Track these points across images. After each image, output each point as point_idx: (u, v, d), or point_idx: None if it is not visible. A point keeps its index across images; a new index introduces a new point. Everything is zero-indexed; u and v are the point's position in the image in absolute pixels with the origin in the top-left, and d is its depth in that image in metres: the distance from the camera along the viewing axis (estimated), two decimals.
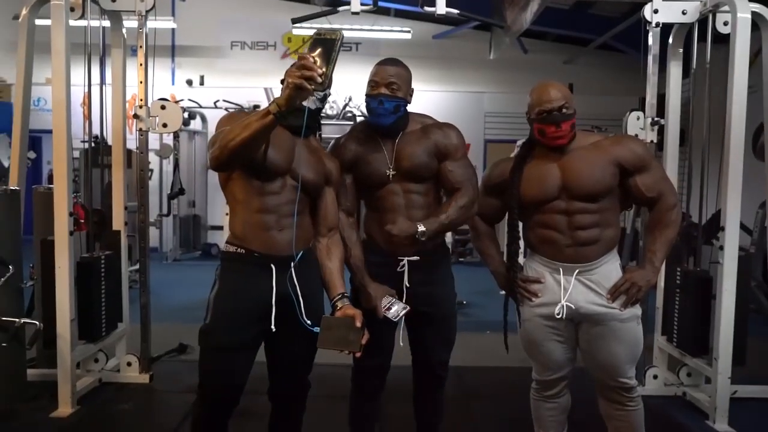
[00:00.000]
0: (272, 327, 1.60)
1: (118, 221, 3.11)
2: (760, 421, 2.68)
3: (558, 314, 1.84)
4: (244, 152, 1.46)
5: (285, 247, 1.61)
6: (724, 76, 2.60)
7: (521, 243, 1.95)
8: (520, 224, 1.94)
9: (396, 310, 1.79)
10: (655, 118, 2.83)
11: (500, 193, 1.95)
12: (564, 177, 1.82)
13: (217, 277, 1.65)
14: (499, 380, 3.16)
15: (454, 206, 1.84)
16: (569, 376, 2.00)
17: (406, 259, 1.87)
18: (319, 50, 1.32)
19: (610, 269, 1.86)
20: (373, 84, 1.82)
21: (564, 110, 1.77)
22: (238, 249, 1.62)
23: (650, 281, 1.84)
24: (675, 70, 2.93)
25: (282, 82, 1.37)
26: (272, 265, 1.61)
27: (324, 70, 1.30)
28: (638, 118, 2.85)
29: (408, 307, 1.82)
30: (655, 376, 2.98)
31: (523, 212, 1.91)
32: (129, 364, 3.04)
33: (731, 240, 2.55)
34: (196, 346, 1.66)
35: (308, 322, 1.61)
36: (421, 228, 1.75)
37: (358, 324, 1.58)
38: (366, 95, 1.85)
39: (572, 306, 1.83)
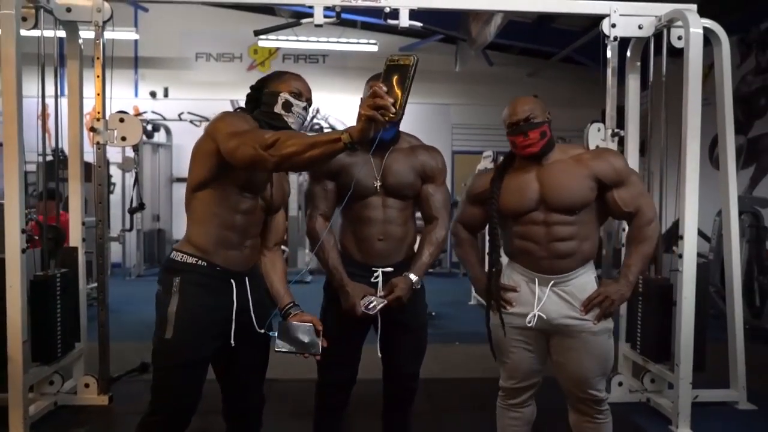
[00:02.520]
0: (232, 342, 1.59)
1: (74, 237, 3.00)
2: (721, 425, 2.74)
3: (529, 323, 1.85)
4: (309, 167, 1.53)
5: (243, 263, 1.65)
6: (680, 88, 2.68)
7: (502, 251, 1.96)
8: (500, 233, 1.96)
9: (374, 304, 1.84)
10: (615, 130, 2.90)
11: (482, 203, 1.98)
12: (542, 189, 1.85)
13: (174, 289, 1.56)
14: (468, 392, 3.15)
15: (434, 243, 1.97)
16: (536, 386, 2.00)
17: (380, 270, 1.93)
18: (393, 77, 1.25)
19: (584, 281, 1.88)
20: None
21: (530, 120, 1.82)
22: (199, 261, 1.58)
23: (623, 295, 1.86)
24: (633, 83, 3.02)
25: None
26: (232, 280, 1.60)
27: (398, 99, 1.23)
28: (599, 130, 2.92)
29: (385, 301, 1.85)
30: (620, 383, 3.03)
31: (503, 222, 1.94)
32: (87, 385, 2.92)
33: (690, 248, 2.62)
34: None
35: (262, 330, 1.64)
36: (415, 278, 1.90)
37: (319, 328, 1.61)
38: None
39: (544, 316, 1.85)
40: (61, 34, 2.91)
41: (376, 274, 1.93)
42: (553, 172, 1.85)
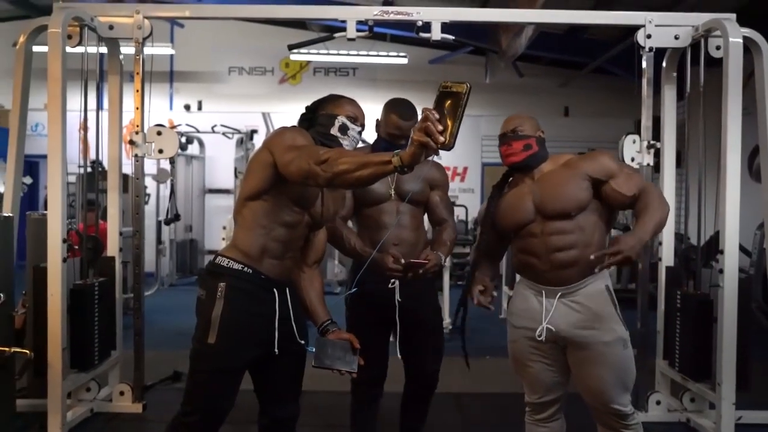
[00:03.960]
0: (275, 350, 1.61)
1: (112, 247, 3.08)
2: None
3: (539, 336, 1.85)
4: (357, 185, 1.58)
5: (285, 274, 1.68)
6: (718, 98, 2.61)
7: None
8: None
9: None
10: (651, 141, 2.84)
11: (493, 226, 2.00)
12: (536, 200, 1.87)
13: (220, 294, 1.56)
14: (498, 406, 3.10)
15: (445, 242, 2.11)
16: (561, 400, 1.97)
17: None
18: (446, 103, 1.26)
19: (594, 290, 1.85)
20: (395, 136, 2.05)
21: (516, 132, 1.89)
22: (245, 268, 1.60)
23: (634, 247, 1.65)
24: (669, 93, 2.95)
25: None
26: (275, 290, 1.63)
27: (450, 127, 1.23)
28: (634, 142, 2.86)
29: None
30: (658, 402, 2.93)
31: (506, 239, 2.00)
32: (122, 393, 2.98)
33: (731, 262, 2.54)
34: None
35: (303, 341, 1.67)
36: (442, 256, 2.02)
37: (357, 346, 1.64)
38: (386, 141, 2.06)
39: (553, 329, 1.84)
40: (103, 50, 3.02)
41: (392, 280, 2.03)
42: (545, 182, 1.89)
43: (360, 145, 1.84)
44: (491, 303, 1.93)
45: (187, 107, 8.38)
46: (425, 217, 2.24)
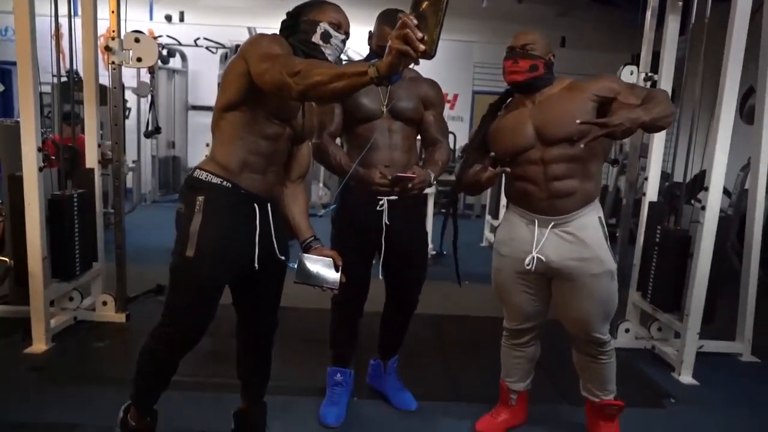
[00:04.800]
0: (255, 265, 1.60)
1: (91, 159, 3.00)
2: (721, 375, 2.78)
3: (528, 265, 1.85)
4: (333, 99, 1.46)
5: (266, 189, 1.63)
6: (721, 35, 2.53)
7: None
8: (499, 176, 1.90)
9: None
10: (649, 74, 2.77)
11: (482, 147, 1.95)
12: (537, 124, 1.80)
13: (197, 207, 1.53)
14: (475, 329, 3.21)
15: (437, 162, 2.02)
16: (539, 327, 2.04)
17: (385, 198, 1.98)
18: (424, 6, 1.15)
19: (587, 222, 1.83)
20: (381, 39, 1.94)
21: (526, 49, 1.80)
22: (224, 182, 1.55)
23: (626, 121, 1.57)
24: (672, 25, 2.85)
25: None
26: (255, 205, 1.60)
27: (431, 33, 1.14)
28: (632, 73, 2.79)
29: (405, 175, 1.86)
30: (627, 330, 3.05)
31: (501, 163, 1.89)
32: (105, 303, 3.01)
33: (713, 200, 2.56)
34: None
35: (283, 257, 1.66)
36: (432, 175, 1.93)
37: (339, 263, 1.62)
38: (378, 54, 1.85)
39: (543, 258, 1.83)
40: None
41: (381, 202, 1.98)
42: (547, 105, 1.82)
43: (344, 56, 1.71)
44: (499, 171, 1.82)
45: (168, 18, 7.94)
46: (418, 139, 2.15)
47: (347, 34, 1.62)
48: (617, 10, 7.54)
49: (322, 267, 1.62)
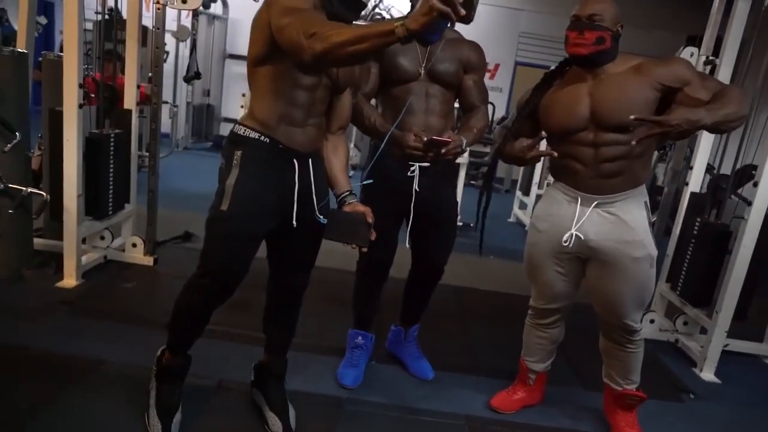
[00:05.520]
0: (293, 222, 1.58)
1: (129, 100, 3.01)
2: (744, 375, 2.72)
3: (566, 242, 1.79)
4: (352, 62, 1.36)
5: (307, 144, 1.59)
6: None
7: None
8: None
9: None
10: (710, 57, 2.62)
11: (531, 116, 1.86)
12: (593, 105, 1.70)
13: (236, 162, 1.53)
14: (498, 304, 3.19)
15: (472, 129, 1.95)
16: (565, 309, 2.00)
17: (417, 164, 1.93)
18: None
19: (631, 205, 1.76)
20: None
21: (593, 20, 1.66)
22: (262, 137, 1.53)
23: (689, 119, 1.47)
24: (742, 6, 2.66)
25: None
26: (294, 160, 1.56)
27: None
28: (692, 55, 2.64)
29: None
30: (652, 321, 2.99)
31: (549, 140, 1.83)
32: (134, 245, 3.07)
33: (762, 197, 2.45)
34: (201, 234, 1.60)
35: (320, 216, 1.62)
36: (465, 140, 1.86)
37: (369, 220, 1.57)
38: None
39: (581, 236, 1.77)
40: None
41: (412, 168, 1.94)
42: (607, 85, 1.69)
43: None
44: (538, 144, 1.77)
45: None
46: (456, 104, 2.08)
47: None
48: None
49: (353, 224, 1.57)
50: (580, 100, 1.72)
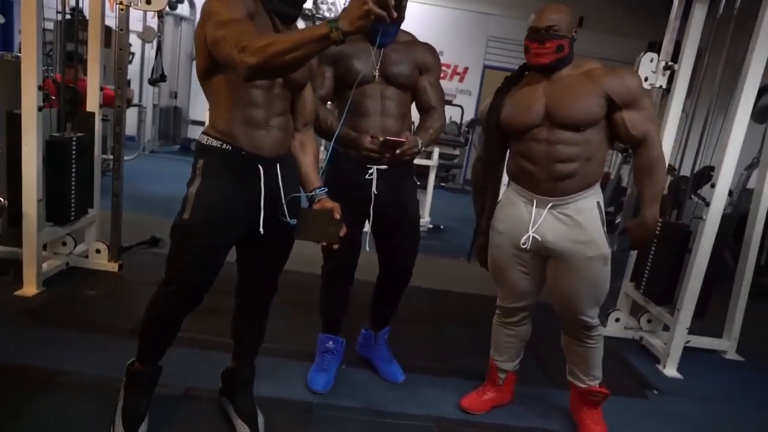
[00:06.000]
0: (261, 230, 1.55)
1: (92, 102, 2.93)
2: (706, 370, 2.81)
3: (524, 244, 1.86)
4: (290, 70, 1.35)
5: (271, 148, 1.55)
6: (749, 27, 2.46)
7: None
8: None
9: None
10: (669, 63, 2.71)
11: (498, 124, 1.91)
12: (548, 102, 1.78)
13: (198, 172, 1.52)
14: (468, 306, 3.23)
15: (428, 129, 1.97)
16: (531, 307, 2.05)
17: (375, 167, 1.93)
18: None
19: (585, 206, 1.83)
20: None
21: (552, 30, 1.74)
22: (223, 145, 1.51)
23: (648, 239, 1.92)
24: (698, 14, 2.76)
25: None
26: (260, 166, 1.53)
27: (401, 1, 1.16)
28: (652, 60, 2.72)
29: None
30: (617, 319, 3.07)
31: (507, 140, 1.92)
32: (98, 251, 2.99)
33: (719, 198, 2.54)
34: (168, 239, 1.58)
35: (289, 219, 1.58)
36: (421, 141, 1.88)
37: (337, 216, 1.55)
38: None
39: (539, 238, 1.84)
40: None
41: (370, 171, 1.93)
42: (561, 86, 1.78)
43: None
44: None
45: None
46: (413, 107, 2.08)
47: None
48: None
49: (322, 221, 1.55)
50: (536, 100, 1.80)
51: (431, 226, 4.89)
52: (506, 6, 8.00)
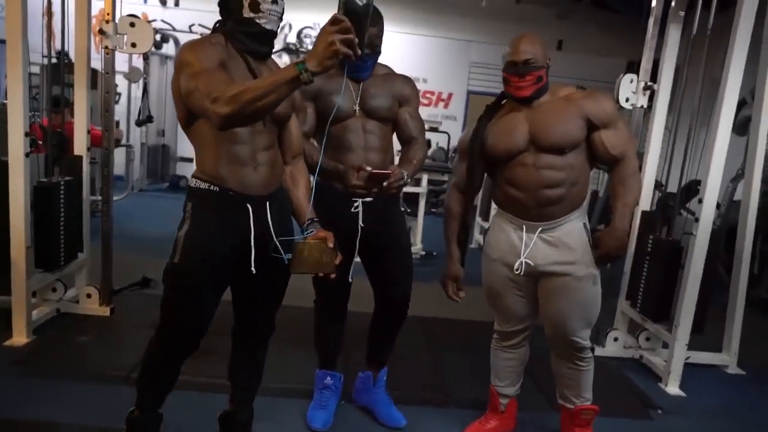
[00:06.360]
0: (252, 269, 1.53)
1: (80, 145, 2.93)
2: (709, 386, 2.80)
3: (517, 270, 1.87)
4: (263, 114, 1.36)
5: (260, 186, 1.54)
6: (723, 44, 2.52)
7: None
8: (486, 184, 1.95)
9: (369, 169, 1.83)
10: (648, 83, 2.77)
11: (481, 151, 1.92)
12: (532, 128, 1.82)
13: (187, 214, 1.52)
14: (465, 332, 3.19)
15: (411, 160, 1.97)
16: (529, 329, 2.04)
17: (360, 200, 1.92)
18: (351, 10, 1.21)
19: (572, 227, 1.86)
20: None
21: (530, 63, 1.78)
22: (211, 186, 1.50)
23: (621, 246, 1.83)
24: (674, 34, 2.84)
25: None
26: (248, 205, 1.52)
27: (362, 37, 1.22)
28: (631, 81, 2.78)
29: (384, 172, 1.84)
30: (616, 339, 3.06)
31: (492, 168, 1.93)
32: (89, 295, 2.94)
33: (707, 213, 2.56)
34: (161, 281, 1.56)
35: (280, 255, 1.56)
36: (406, 173, 1.88)
37: (330, 244, 1.54)
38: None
39: (531, 263, 1.86)
40: None
41: (356, 204, 1.92)
42: (542, 112, 1.83)
43: (281, 22, 1.61)
44: (461, 295, 2.02)
45: (163, 2, 7.81)
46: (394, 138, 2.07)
47: None
48: (616, 15, 7.56)
49: (316, 252, 1.54)
50: (518, 126, 1.84)
51: (423, 252, 4.88)
52: (485, 33, 8.18)
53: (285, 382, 2.33)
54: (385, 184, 1.80)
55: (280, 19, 1.51)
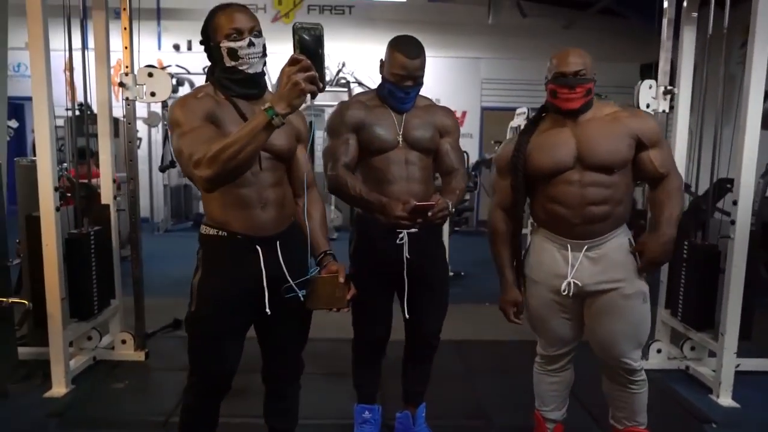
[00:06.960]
0: (267, 311, 1.53)
1: (106, 195, 2.99)
2: (763, 395, 2.67)
3: (564, 291, 1.80)
4: (248, 166, 1.37)
5: (269, 227, 1.53)
6: (737, 39, 2.48)
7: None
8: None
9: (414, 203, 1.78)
10: (668, 87, 2.72)
11: (514, 170, 1.87)
12: (580, 146, 1.76)
13: (199, 263, 1.55)
14: (500, 354, 3.12)
15: (454, 191, 1.94)
16: (575, 350, 1.97)
17: (405, 231, 1.89)
18: (306, 45, 1.27)
19: (618, 244, 1.81)
20: (399, 76, 1.86)
21: (581, 75, 1.74)
22: (219, 232, 1.51)
23: (666, 252, 1.78)
24: (688, 36, 2.80)
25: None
26: (258, 247, 1.51)
27: (321, 72, 1.27)
28: (650, 87, 2.73)
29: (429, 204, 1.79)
30: (659, 350, 2.95)
31: (533, 184, 1.85)
32: (123, 341, 2.97)
33: (743, 214, 2.48)
34: None
35: (294, 293, 1.55)
36: (450, 203, 1.84)
37: (341, 279, 1.53)
38: (391, 83, 1.88)
39: (579, 283, 1.79)
40: None
41: (401, 236, 1.90)
42: (590, 129, 1.77)
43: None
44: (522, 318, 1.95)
45: (177, 47, 8.03)
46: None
47: (253, 30, 1.47)
48: (623, 21, 7.52)
49: (330, 287, 1.54)
50: (566, 141, 1.78)
51: (452, 273, 4.83)
52: (494, 49, 8.20)
53: (322, 418, 2.29)
54: (429, 214, 1.77)
55: (264, 55, 1.52)
